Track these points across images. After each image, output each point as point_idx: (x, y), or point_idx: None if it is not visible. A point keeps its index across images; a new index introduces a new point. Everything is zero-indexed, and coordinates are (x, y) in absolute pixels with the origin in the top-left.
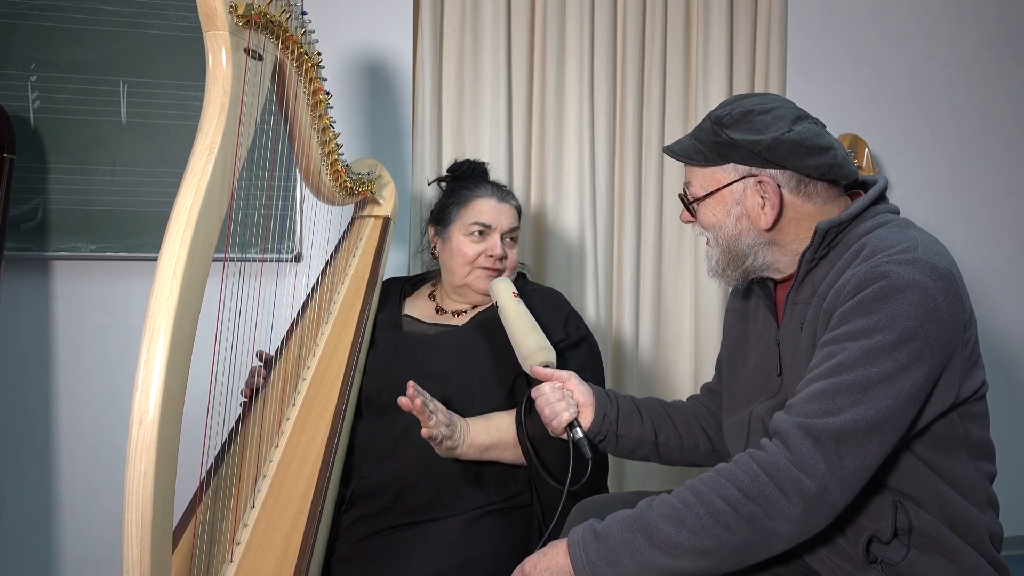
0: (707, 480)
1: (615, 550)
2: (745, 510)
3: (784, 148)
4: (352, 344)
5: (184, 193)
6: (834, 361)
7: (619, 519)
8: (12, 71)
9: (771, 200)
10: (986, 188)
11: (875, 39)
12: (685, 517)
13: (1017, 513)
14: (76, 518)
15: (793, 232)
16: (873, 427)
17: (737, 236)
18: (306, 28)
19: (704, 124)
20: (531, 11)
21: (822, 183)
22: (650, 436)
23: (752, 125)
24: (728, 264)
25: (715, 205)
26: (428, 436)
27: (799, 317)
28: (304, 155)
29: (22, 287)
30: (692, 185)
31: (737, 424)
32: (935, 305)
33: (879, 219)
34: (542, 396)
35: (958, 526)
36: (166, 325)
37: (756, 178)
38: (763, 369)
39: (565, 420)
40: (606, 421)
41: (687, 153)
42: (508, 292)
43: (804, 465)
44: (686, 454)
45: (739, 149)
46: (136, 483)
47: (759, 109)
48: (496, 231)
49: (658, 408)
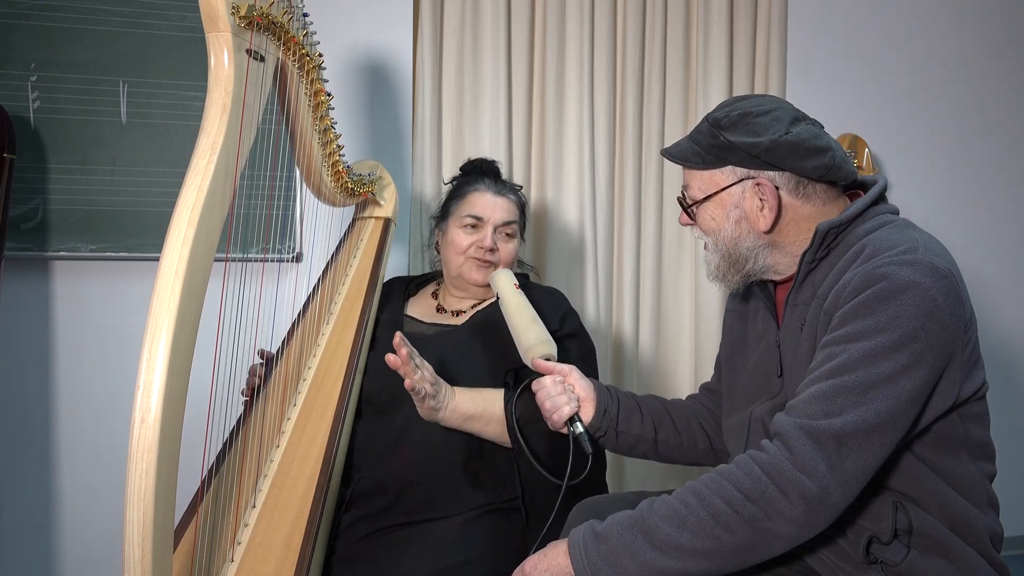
0: (708, 481)
1: (616, 551)
2: (746, 511)
3: (782, 150)
4: (353, 345)
5: (186, 193)
6: (835, 362)
7: (620, 520)
8: (12, 71)
9: (769, 202)
10: (986, 188)
11: (875, 39)
12: (686, 518)
13: (1017, 513)
14: (76, 518)
15: (792, 234)
16: (874, 428)
17: (737, 239)
18: (308, 29)
19: (702, 126)
20: (531, 11)
21: (821, 184)
22: (650, 433)
23: (750, 127)
24: (729, 268)
25: (714, 208)
26: (410, 388)
27: (799, 318)
28: (305, 156)
29: (22, 287)
30: (691, 188)
31: (737, 425)
32: (936, 306)
33: (879, 219)
34: (543, 389)
35: (958, 526)
36: (168, 324)
37: (754, 180)
38: (763, 370)
39: (566, 414)
40: (606, 417)
41: (685, 156)
42: (509, 284)
43: (805, 466)
44: (685, 452)
45: (737, 151)
46: (138, 482)
47: (757, 111)
48: (488, 224)
49: (658, 406)
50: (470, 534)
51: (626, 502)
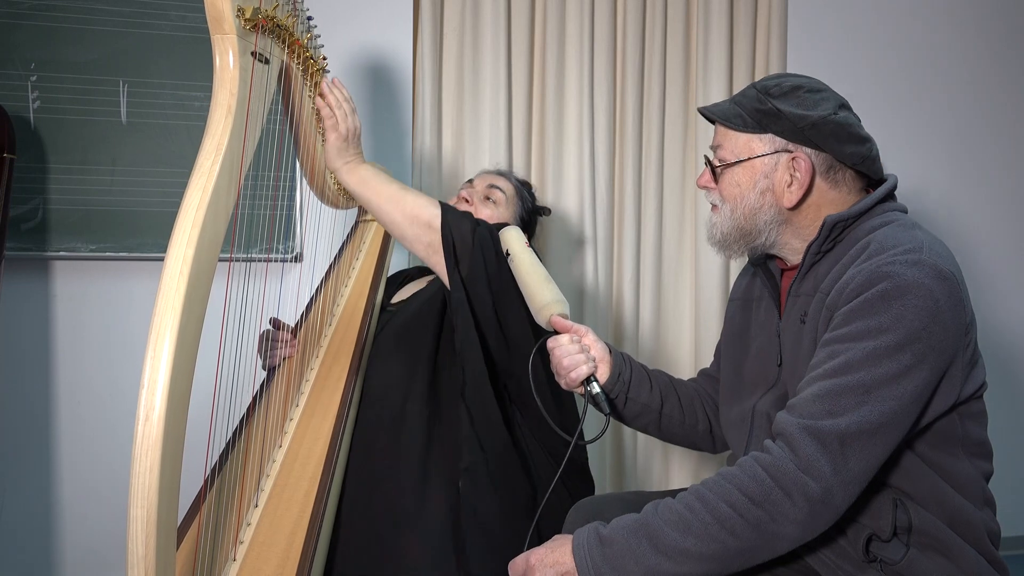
0: (712, 485)
1: (620, 555)
2: (751, 515)
3: (828, 128)
4: (355, 345)
5: (191, 193)
6: (837, 361)
7: (624, 524)
8: (12, 71)
9: (800, 180)
10: (986, 188)
11: (875, 39)
12: (691, 523)
13: (1016, 513)
14: (76, 518)
15: (812, 216)
16: (877, 429)
17: (757, 210)
18: (312, 33)
19: (748, 91)
20: (531, 11)
21: (850, 172)
22: (656, 404)
23: (801, 100)
24: (739, 239)
25: (742, 174)
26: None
27: (801, 309)
28: (309, 158)
29: (22, 287)
30: (723, 149)
31: (739, 417)
32: (938, 308)
33: (886, 217)
34: (561, 347)
35: (957, 524)
36: (172, 323)
37: (791, 155)
38: (763, 359)
39: (584, 373)
40: (620, 381)
41: (725, 115)
42: (521, 240)
43: (809, 468)
44: (686, 430)
45: (783, 121)
46: (142, 478)
47: (809, 87)
48: (475, 185)
49: (666, 380)
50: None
51: (624, 502)
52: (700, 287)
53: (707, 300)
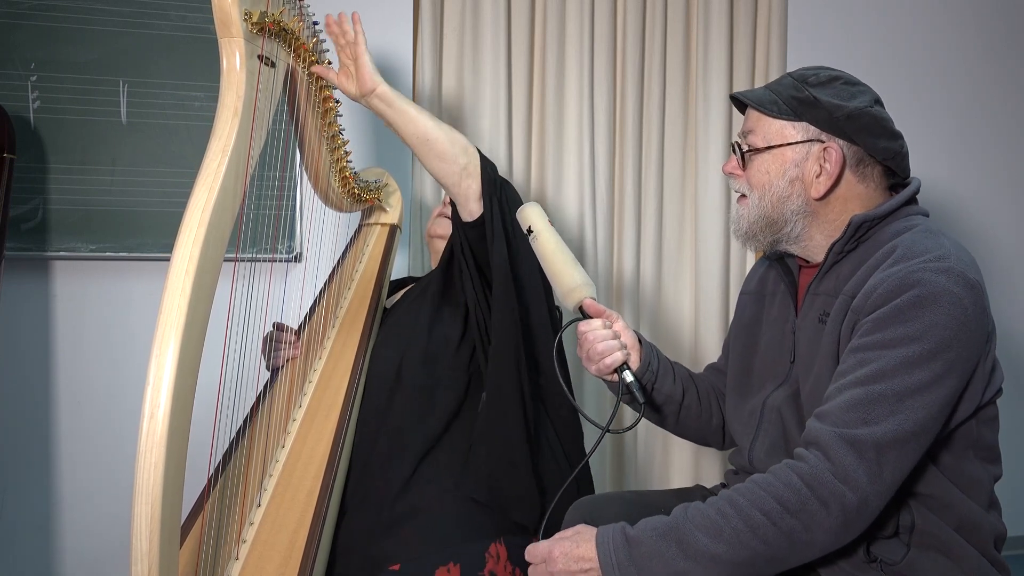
0: (745, 492)
1: (647, 556)
2: (784, 524)
3: (863, 120)
4: (358, 348)
5: (198, 193)
6: (869, 369)
7: (653, 526)
8: (12, 71)
9: (829, 171)
10: (986, 188)
11: (875, 39)
12: (723, 529)
13: (1017, 513)
14: (76, 518)
15: (838, 210)
16: (911, 437)
17: (785, 199)
18: (318, 37)
19: (784, 79)
20: (531, 11)
21: (879, 169)
22: (678, 396)
23: (838, 91)
24: (765, 228)
25: (772, 161)
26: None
27: (820, 308)
28: (313, 161)
29: (22, 287)
30: (754, 134)
31: (748, 413)
32: (967, 316)
33: (910, 221)
34: (593, 331)
35: (964, 527)
36: (177, 322)
37: (823, 145)
38: (774, 354)
39: (619, 359)
40: (649, 371)
41: (760, 100)
42: (543, 218)
43: (847, 477)
44: (701, 424)
45: (819, 109)
46: (146, 475)
47: (847, 79)
48: None
49: (685, 372)
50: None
51: (624, 501)
52: (700, 287)
53: (707, 300)
